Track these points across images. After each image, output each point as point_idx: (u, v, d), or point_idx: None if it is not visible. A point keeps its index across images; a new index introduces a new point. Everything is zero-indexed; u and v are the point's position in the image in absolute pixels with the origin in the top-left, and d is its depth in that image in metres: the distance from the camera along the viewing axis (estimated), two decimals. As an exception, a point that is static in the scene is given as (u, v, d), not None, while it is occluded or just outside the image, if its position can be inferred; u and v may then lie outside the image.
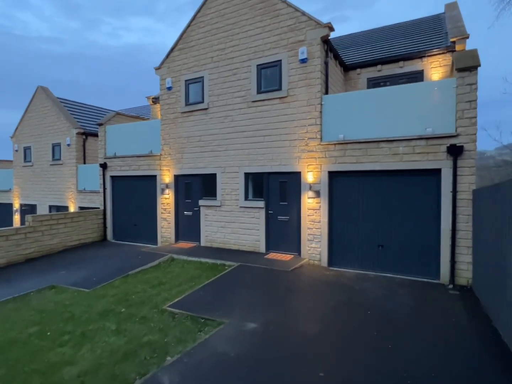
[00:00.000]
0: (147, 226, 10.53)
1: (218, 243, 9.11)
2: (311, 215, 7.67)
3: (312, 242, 7.68)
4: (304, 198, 7.75)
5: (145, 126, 10.76)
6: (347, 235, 7.36)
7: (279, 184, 8.20)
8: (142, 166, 10.50)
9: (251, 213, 8.52)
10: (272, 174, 8.27)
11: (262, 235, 8.38)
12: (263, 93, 8.25)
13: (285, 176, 8.09)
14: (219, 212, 9.07)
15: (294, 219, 7.99)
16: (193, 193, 9.63)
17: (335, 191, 7.49)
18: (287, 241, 8.12)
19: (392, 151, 6.79)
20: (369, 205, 7.11)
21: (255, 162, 8.42)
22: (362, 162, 7.08)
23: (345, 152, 7.27)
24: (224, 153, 8.92)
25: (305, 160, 7.73)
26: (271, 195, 8.30)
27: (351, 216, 7.31)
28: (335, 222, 7.50)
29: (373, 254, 7.09)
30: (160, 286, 6.27)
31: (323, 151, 7.52)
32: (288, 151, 7.96)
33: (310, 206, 7.68)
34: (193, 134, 9.43)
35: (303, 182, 7.75)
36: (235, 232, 8.81)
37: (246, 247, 8.64)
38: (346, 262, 7.36)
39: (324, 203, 7.49)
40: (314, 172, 7.62)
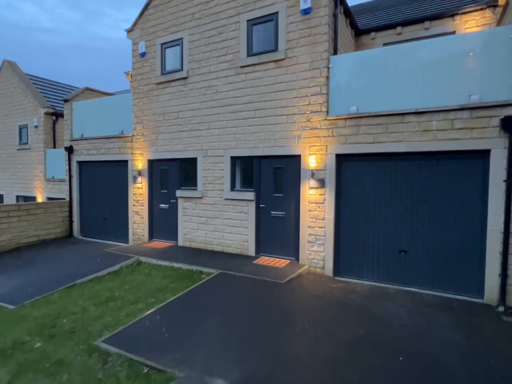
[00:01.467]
0: (118, 221, 8.89)
1: (198, 242, 7.48)
2: (313, 211, 6.03)
3: (313, 245, 6.05)
4: (304, 188, 6.10)
5: (116, 102, 9.04)
6: (359, 236, 5.73)
7: (273, 171, 6.54)
8: (112, 149, 8.82)
9: (238, 207, 6.88)
10: (264, 158, 6.61)
11: (251, 234, 6.75)
12: (255, 55, 6.54)
13: (281, 161, 6.43)
14: (200, 205, 7.42)
15: (291, 215, 6.36)
16: (170, 181, 7.97)
17: (344, 180, 5.84)
18: (282, 243, 6.49)
19: (422, 126, 5.12)
20: (389, 198, 5.47)
21: (244, 144, 6.75)
22: (381, 142, 5.42)
23: (358, 129, 5.60)
24: (206, 133, 7.24)
25: (307, 140, 6.06)
26: (263, 184, 6.65)
27: (365, 212, 5.67)
28: (344, 220, 5.86)
29: (393, 262, 5.46)
30: (108, 304, 4.64)
31: (329, 128, 5.85)
32: (285, 129, 6.28)
33: (312, 199, 6.03)
34: (170, 109, 7.74)
35: (304, 168, 6.10)
36: (218, 230, 7.18)
37: (232, 249, 7.01)
38: (357, 271, 5.74)
39: (329, 195, 5.85)
40: (318, 156, 5.96)
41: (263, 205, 6.65)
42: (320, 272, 5.98)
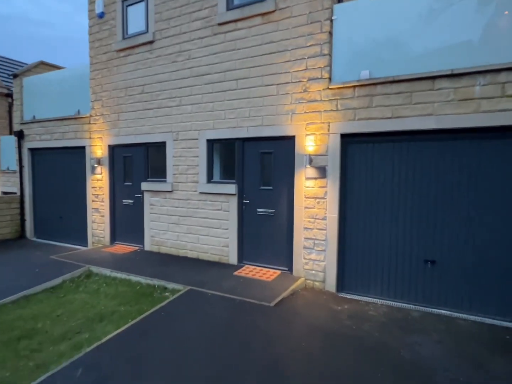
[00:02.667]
0: (75, 220, 7.40)
1: (168, 247, 6.07)
2: (310, 208, 4.67)
3: (311, 252, 4.71)
4: (299, 179, 4.74)
5: (72, 76, 7.48)
6: (370, 241, 4.40)
7: (260, 158, 5.15)
8: (68, 133, 7.30)
9: (217, 203, 5.48)
10: (249, 141, 5.21)
11: (232, 237, 5.37)
12: (237, 8, 5.10)
13: (270, 144, 5.05)
14: (170, 201, 6.00)
15: (282, 213, 4.99)
16: (135, 172, 6.52)
17: (351, 168, 4.49)
18: (271, 248, 5.14)
19: (459, 94, 3.78)
20: (412, 191, 4.14)
21: (223, 123, 5.34)
22: (402, 116, 4.07)
23: (371, 100, 4.24)
24: (177, 110, 5.80)
25: (303, 117, 4.69)
26: (248, 175, 5.26)
27: (379, 209, 4.33)
28: (351, 220, 4.52)
29: (416, 275, 4.15)
30: (20, 343, 3.21)
31: (333, 99, 4.47)
32: (275, 102, 4.89)
33: (309, 192, 4.68)
34: (134, 82, 6.25)
35: (299, 153, 4.72)
36: (192, 232, 5.77)
37: (209, 255, 5.63)
38: (368, 285, 4.42)
39: (332, 188, 4.50)
40: (318, 136, 4.59)
41: (248, 200, 5.27)
42: (320, 286, 4.65)
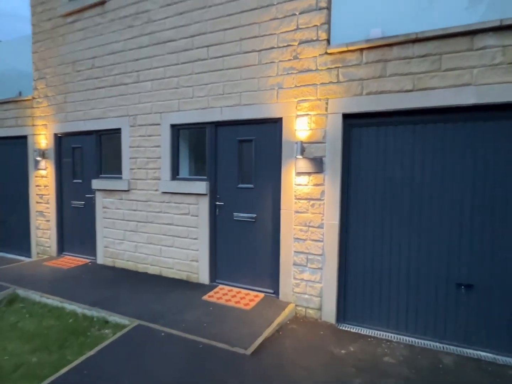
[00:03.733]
0: (18, 225, 6.11)
1: (124, 260, 4.87)
2: (302, 212, 3.55)
3: (303, 270, 3.59)
4: (287, 175, 3.61)
5: (11, 50, 6.16)
6: (382, 256, 3.31)
7: (237, 147, 4.00)
8: (8, 120, 5.99)
9: (183, 206, 4.31)
10: (223, 125, 4.06)
11: (203, 249, 4.21)
12: (207, -47, 3.94)
13: (250, 130, 3.91)
14: (126, 203, 4.80)
15: (266, 219, 3.86)
16: (86, 166, 5.28)
17: (357, 160, 3.39)
18: (251, 264, 4.00)
19: (509, 54, 2.73)
20: (439, 191, 3.06)
21: (190, 103, 4.17)
22: (427, 87, 2.98)
23: (385, 67, 3.15)
24: (135, 88, 4.60)
25: (292, 93, 3.56)
26: (222, 169, 4.11)
27: (393, 215, 3.24)
28: (356, 228, 3.42)
29: (445, 303, 3.08)
30: None
31: (332, 68, 3.36)
32: (256, 74, 3.75)
33: (301, 192, 3.55)
34: (83, 55, 5.02)
35: (287, 140, 3.60)
36: (154, 242, 4.59)
37: (174, 272, 4.45)
38: (378, 315, 3.33)
39: (332, 185, 3.39)
40: (312, 118, 3.47)
41: (222, 202, 4.11)
42: (315, 315, 3.54)
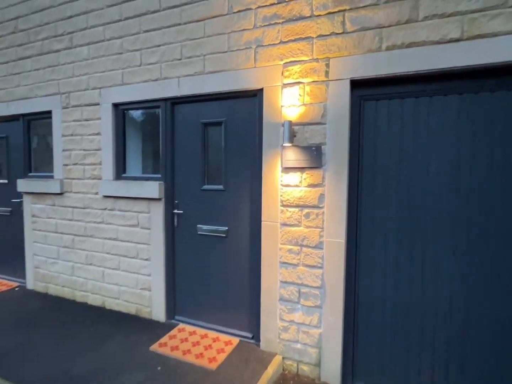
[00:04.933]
0: None
1: (59, 285, 3.70)
2: (292, 225, 2.46)
3: (294, 308, 2.50)
4: (271, 171, 2.51)
5: None
6: (410, 291, 2.25)
7: (202, 133, 2.88)
8: None
9: (131, 215, 3.17)
10: (182, 103, 2.92)
11: (157, 274, 3.08)
12: None
13: (219, 108, 2.79)
14: (60, 210, 3.62)
15: (242, 233, 2.75)
16: (13, 162, 4.08)
17: (371, 147, 2.31)
18: (223, 296, 2.89)
19: None
20: (503, 195, 2.02)
21: (138, 73, 3.03)
22: (484, 34, 1.92)
23: (416, 7, 2.06)
24: (67, 56, 3.42)
25: (277, 52, 2.46)
26: (181, 164, 2.98)
27: (428, 227, 2.18)
28: (371, 247, 2.35)
29: (509, 358, 2.05)
30: None
31: (336, 12, 2.27)
32: (225, 27, 2.63)
33: (290, 196, 2.46)
34: (3, 15, 3.81)
35: (269, 121, 2.49)
36: (95, 262, 3.44)
37: (121, 303, 3.31)
38: (406, 374, 2.28)
39: (335, 186, 2.30)
40: (306, 88, 2.37)
41: (181, 210, 2.99)
42: (311, 374, 2.46)
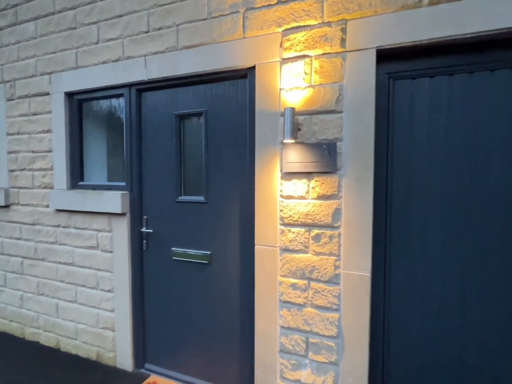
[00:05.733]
0: None
1: (7, 320, 3.00)
2: (296, 251, 1.81)
3: (300, 363, 1.85)
4: (265, 178, 1.86)
5: None
6: (460, 334, 1.62)
7: (176, 128, 2.22)
8: None
9: (89, 233, 2.50)
10: (151, 90, 2.26)
11: (123, 310, 2.41)
12: None
13: (197, 95, 2.13)
14: (6, 227, 2.93)
15: (229, 260, 2.10)
16: (-46, 168, 3.38)
17: (407, 145, 1.68)
18: (205, 341, 2.22)
19: None
20: None
21: (96, 52, 2.36)
22: None
23: None
24: (12, 34, 2.74)
25: (272, 16, 1.81)
26: (151, 169, 2.31)
27: (493, 254, 1.56)
28: (407, 282, 1.71)
29: None
30: None
31: (354, -44, 1.64)
32: (204, -11, 1.99)
33: (292, 212, 1.81)
34: None
35: (263, 110, 1.84)
36: (47, 293, 2.75)
37: (79, 345, 2.63)
38: None
39: (356, 198, 1.66)
40: (314, 64, 1.73)
41: (152, 228, 2.32)
42: None
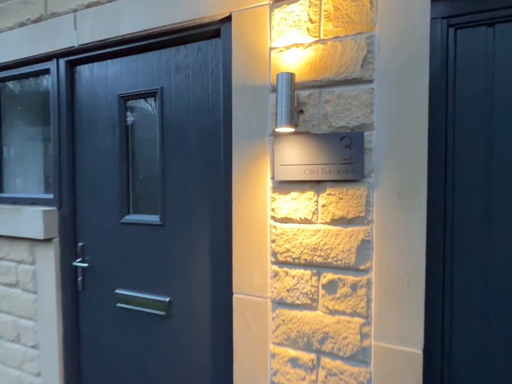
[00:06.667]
0: None
1: None
2: (297, 306, 1.12)
3: None
4: (248, 187, 1.17)
5: None
6: None
7: (120, 117, 1.51)
8: None
9: (6, 265, 1.75)
10: (84, 62, 1.56)
11: (51, 373, 1.67)
12: None
13: (145, 67, 1.43)
14: None
15: (196, 312, 1.39)
16: None
17: (474, 131, 1.00)
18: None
19: None
20: None
21: (9, 11, 1.65)
22: None
23: None
24: None
25: None
26: (88, 177, 1.61)
27: None
28: (481, 369, 1.02)
29: None
30: None
31: None
32: None
33: (290, 242, 1.12)
34: None
35: (242, 83, 1.16)
36: (-42, 343, 2.03)
37: (-2, 417, 1.92)
38: None
39: (398, 222, 0.99)
40: (327, 4, 1.07)
41: (89, 261, 1.62)
42: None
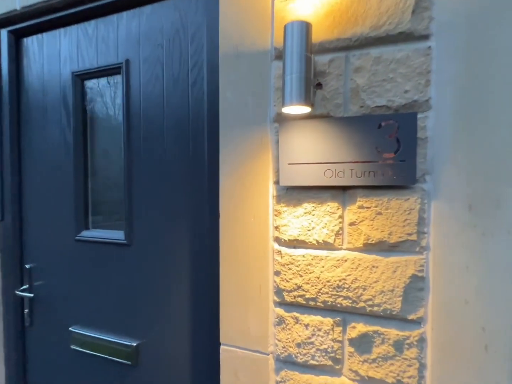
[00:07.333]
0: None
1: None
2: (312, 367, 0.72)
3: None
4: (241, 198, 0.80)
5: None
6: None
7: (75, 102, 1.12)
8: None
9: None
10: (32, 33, 1.18)
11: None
12: None
13: (106, 34, 1.03)
14: None
15: (171, 365, 1.00)
16: None
17: None
18: None
19: None
20: None
21: None
22: None
23: None
24: None
25: None
26: (37, 180, 1.21)
27: None
28: None
29: None
30: None
31: None
32: None
33: (303, 277, 0.73)
34: None
35: (233, 48, 0.78)
36: None
37: None
38: None
39: (473, 251, 0.59)
40: None
41: (38, 289, 1.21)
42: None
